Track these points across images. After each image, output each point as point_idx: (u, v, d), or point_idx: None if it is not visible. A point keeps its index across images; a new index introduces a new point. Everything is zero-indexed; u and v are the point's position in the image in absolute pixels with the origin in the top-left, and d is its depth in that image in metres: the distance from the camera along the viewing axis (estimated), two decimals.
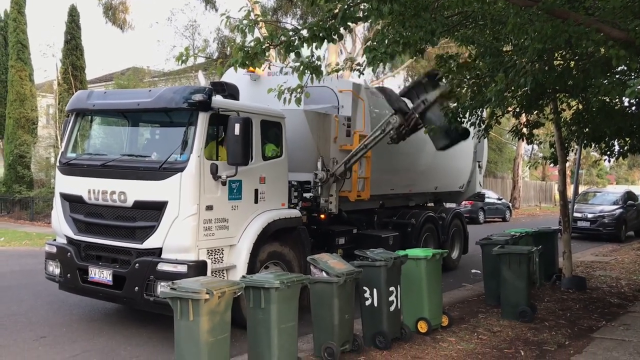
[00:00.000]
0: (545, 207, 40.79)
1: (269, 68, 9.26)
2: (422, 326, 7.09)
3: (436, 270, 7.34)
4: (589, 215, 19.52)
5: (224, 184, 6.73)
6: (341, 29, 6.48)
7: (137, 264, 6.55)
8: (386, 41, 6.80)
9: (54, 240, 7.62)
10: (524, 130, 11.52)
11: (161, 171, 6.55)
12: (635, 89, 5.49)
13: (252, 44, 6.38)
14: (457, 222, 12.55)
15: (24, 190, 22.58)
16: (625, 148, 11.57)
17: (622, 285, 11.00)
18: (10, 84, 23.37)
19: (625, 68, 7.90)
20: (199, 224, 6.46)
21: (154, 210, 6.55)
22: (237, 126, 6.50)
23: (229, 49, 25.38)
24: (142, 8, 65.75)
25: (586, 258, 14.83)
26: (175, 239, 6.41)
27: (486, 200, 26.40)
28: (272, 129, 7.60)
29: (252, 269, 6.90)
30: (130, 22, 28.87)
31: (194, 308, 4.80)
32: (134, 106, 6.99)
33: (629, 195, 21.38)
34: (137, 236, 6.68)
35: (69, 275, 7.19)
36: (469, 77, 9.83)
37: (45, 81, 29.16)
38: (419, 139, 11.15)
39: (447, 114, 9.80)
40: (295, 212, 7.91)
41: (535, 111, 10.81)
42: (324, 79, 7.70)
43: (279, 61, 17.85)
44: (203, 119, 6.63)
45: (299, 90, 7.00)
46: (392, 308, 6.65)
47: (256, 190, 7.25)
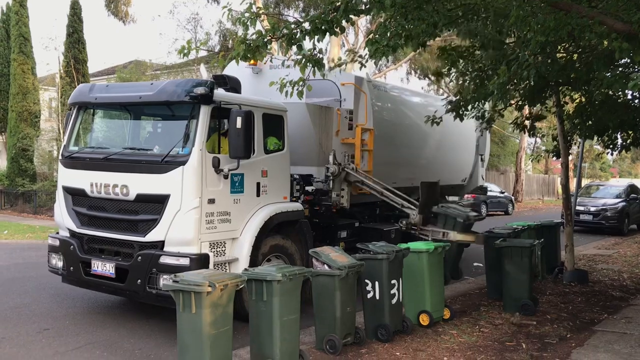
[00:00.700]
0: (548, 201, 40.74)
1: (270, 61, 9.24)
2: (424, 319, 7.11)
3: (438, 264, 7.35)
4: (592, 209, 19.50)
5: (226, 177, 6.74)
6: (343, 22, 6.46)
7: (140, 257, 6.57)
8: (388, 34, 6.78)
9: (57, 233, 7.64)
10: (527, 123, 11.51)
11: (163, 164, 6.55)
12: (638, 82, 5.48)
13: (254, 36, 6.37)
14: None
15: (27, 183, 22.63)
16: (628, 141, 11.56)
17: (624, 278, 11.00)
18: (12, 77, 23.36)
19: (628, 61, 7.87)
20: (201, 217, 6.47)
21: (157, 203, 6.57)
22: (239, 119, 6.50)
23: (230, 42, 25.34)
24: (144, 1, 65.63)
25: (588, 251, 14.83)
26: (178, 232, 6.43)
27: (489, 193, 26.40)
28: (274, 122, 7.58)
29: (255, 262, 6.92)
30: (132, 15, 28.88)
31: (196, 301, 4.82)
32: (136, 99, 6.98)
33: (632, 189, 21.33)
34: (140, 229, 6.69)
35: (71, 268, 7.21)
36: (471, 70, 9.83)
37: (47, 74, 29.13)
38: (421, 132, 11.16)
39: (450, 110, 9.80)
40: (297, 206, 7.92)
41: (538, 104, 10.79)
42: (327, 73, 7.69)
43: (281, 54, 17.81)
44: (205, 112, 6.62)
45: (300, 83, 6.98)
46: (394, 301, 6.67)
47: (258, 184, 7.26)
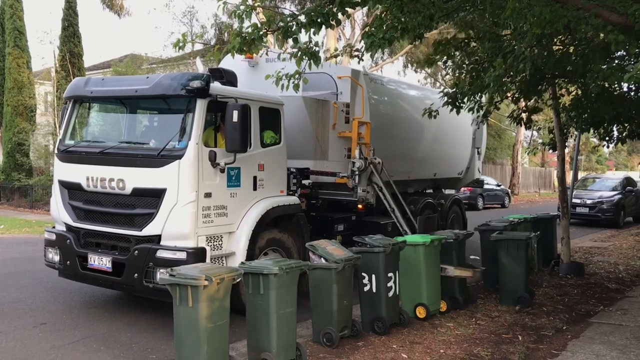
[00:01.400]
0: (545, 194, 40.83)
1: (266, 54, 9.20)
2: (421, 312, 7.13)
3: (434, 256, 7.35)
4: (588, 201, 19.56)
5: (222, 171, 6.73)
6: (339, 15, 6.44)
7: (137, 251, 6.56)
8: (384, 26, 6.76)
9: (53, 227, 7.62)
10: (523, 115, 11.51)
11: (159, 158, 6.53)
12: (634, 74, 5.49)
13: (250, 29, 6.34)
14: (456, 209, 12.56)
15: (23, 178, 22.58)
16: (624, 134, 11.58)
17: (620, 270, 11.04)
18: (7, 71, 23.23)
19: (624, 53, 7.88)
20: (198, 211, 6.46)
21: (153, 197, 6.55)
22: (235, 113, 6.48)
23: (226, 35, 25.26)
24: None
25: (584, 244, 14.88)
26: (174, 226, 6.42)
27: (485, 186, 26.47)
28: (271, 116, 7.56)
29: (251, 255, 6.92)
30: (128, 9, 28.85)
31: (193, 294, 4.81)
32: (131, 93, 6.95)
33: (628, 181, 21.39)
34: (136, 223, 6.68)
35: (68, 262, 7.20)
36: (467, 63, 9.82)
37: (43, 68, 29.01)
38: (417, 126, 11.16)
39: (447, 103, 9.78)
40: (294, 199, 7.91)
41: (534, 97, 10.79)
42: (322, 65, 7.66)
43: (277, 47, 17.76)
44: (201, 105, 6.60)
45: (296, 76, 6.96)
46: (391, 294, 6.68)
47: (255, 178, 7.24)
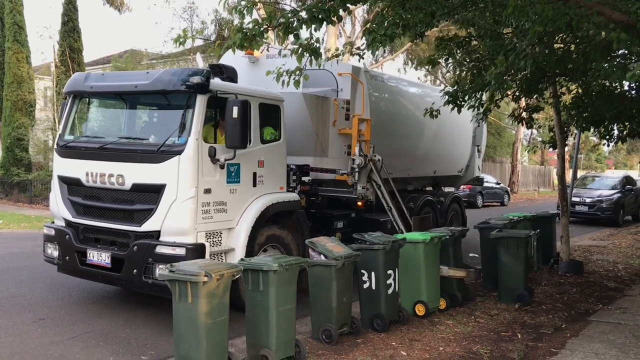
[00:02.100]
0: (544, 192, 40.85)
1: (267, 50, 9.19)
2: (420, 309, 7.13)
3: (434, 254, 7.34)
4: (587, 200, 19.56)
5: (222, 167, 6.71)
6: (340, 11, 6.42)
7: (136, 247, 6.55)
8: (386, 23, 6.74)
9: (52, 222, 7.60)
10: (524, 114, 11.49)
11: (159, 154, 6.52)
12: (636, 73, 5.46)
13: (250, 25, 6.31)
14: (456, 206, 12.56)
15: (22, 173, 22.56)
16: (624, 132, 11.57)
17: (619, 269, 11.04)
18: (7, 66, 23.20)
19: (625, 51, 7.85)
20: (197, 207, 6.44)
21: (152, 193, 6.54)
22: (235, 109, 6.45)
23: (226, 31, 25.20)
24: None
25: (584, 242, 14.88)
26: (174, 221, 6.40)
27: (485, 184, 26.46)
28: (271, 112, 7.54)
29: (251, 252, 6.91)
30: (128, 4, 28.84)
31: (192, 290, 4.80)
32: (131, 88, 6.93)
33: (627, 180, 21.41)
34: (136, 219, 6.67)
35: (67, 257, 7.19)
36: (468, 60, 9.80)
37: (42, 63, 28.96)
38: (417, 123, 11.14)
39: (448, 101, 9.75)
40: (293, 196, 7.90)
41: (535, 95, 10.78)
42: (323, 63, 7.65)
43: (278, 43, 17.72)
44: (201, 101, 6.58)
45: (297, 72, 6.94)
46: (390, 291, 6.67)
47: (254, 174, 7.23)
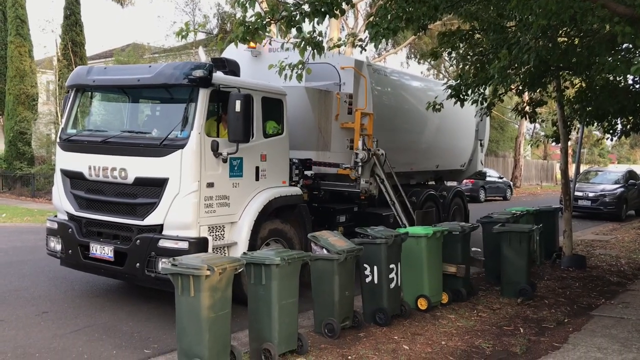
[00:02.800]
0: (547, 186, 40.77)
1: (269, 44, 9.15)
2: (422, 303, 7.13)
3: (437, 248, 7.34)
4: (590, 194, 19.54)
5: (224, 161, 6.70)
6: (343, 4, 6.40)
7: (139, 241, 6.55)
8: (389, 16, 6.71)
9: (55, 216, 7.61)
10: (527, 108, 11.45)
11: (162, 148, 6.51)
12: None
13: (253, 19, 6.29)
14: (458, 201, 12.53)
15: (25, 167, 22.56)
16: (628, 127, 11.51)
17: (622, 263, 11.03)
18: (9, 59, 23.17)
19: (630, 45, 7.81)
20: (200, 200, 6.44)
21: (155, 186, 6.53)
22: (238, 103, 6.44)
23: (229, 24, 25.15)
24: None
25: (586, 237, 14.87)
26: (177, 215, 6.40)
27: (487, 178, 26.40)
28: (274, 106, 7.53)
29: (253, 246, 6.91)
30: None
31: (195, 284, 4.81)
32: (133, 82, 6.92)
33: (630, 175, 21.38)
34: (138, 213, 6.66)
35: (70, 251, 7.20)
36: (472, 54, 9.76)
37: (45, 57, 28.93)
38: (420, 117, 11.12)
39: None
40: (296, 190, 7.90)
41: (539, 89, 10.73)
42: (325, 55, 7.62)
43: (280, 37, 17.69)
44: (204, 95, 6.57)
45: (300, 66, 6.92)
46: (393, 285, 6.68)
47: (257, 168, 7.22)
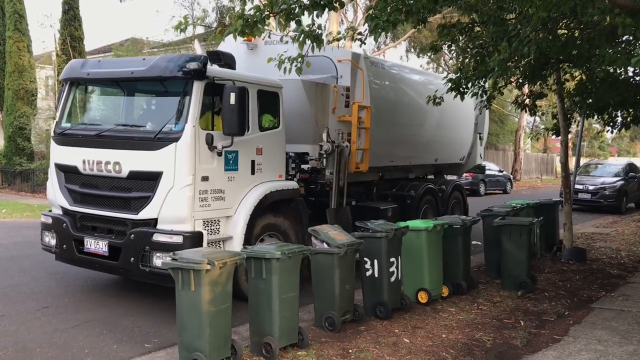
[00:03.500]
0: (547, 180, 40.74)
1: (268, 37, 9.08)
2: (423, 296, 7.10)
3: (437, 242, 7.31)
4: (590, 187, 19.50)
5: (219, 154, 6.63)
6: None
7: (133, 235, 6.49)
8: (388, 9, 6.64)
9: (50, 211, 7.56)
10: (527, 101, 11.39)
11: (156, 141, 6.43)
12: None
13: (252, 12, 6.23)
14: (457, 194, 12.46)
15: (25, 162, 22.51)
16: (628, 119, 11.46)
17: (622, 256, 11.00)
18: (8, 55, 23.07)
19: (630, 37, 7.74)
20: (195, 194, 6.37)
21: (149, 180, 6.47)
22: (233, 95, 6.37)
23: (228, 18, 25.05)
24: None
25: (587, 230, 14.84)
26: (171, 209, 6.34)
27: (487, 172, 26.37)
28: (269, 99, 7.45)
29: (249, 240, 6.85)
30: None
31: (195, 278, 4.78)
32: (128, 75, 6.84)
33: (630, 167, 21.36)
34: (133, 207, 6.60)
35: (64, 246, 7.14)
36: (472, 47, 9.69)
37: (43, 52, 28.87)
38: (419, 110, 11.05)
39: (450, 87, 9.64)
40: (292, 184, 7.83)
41: (539, 82, 10.67)
42: (324, 49, 7.55)
43: (279, 30, 17.60)
44: (198, 88, 6.49)
45: (299, 59, 6.86)
46: (393, 279, 6.64)
47: (253, 162, 7.15)
